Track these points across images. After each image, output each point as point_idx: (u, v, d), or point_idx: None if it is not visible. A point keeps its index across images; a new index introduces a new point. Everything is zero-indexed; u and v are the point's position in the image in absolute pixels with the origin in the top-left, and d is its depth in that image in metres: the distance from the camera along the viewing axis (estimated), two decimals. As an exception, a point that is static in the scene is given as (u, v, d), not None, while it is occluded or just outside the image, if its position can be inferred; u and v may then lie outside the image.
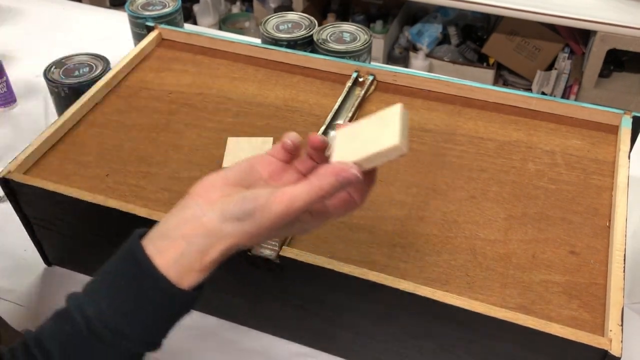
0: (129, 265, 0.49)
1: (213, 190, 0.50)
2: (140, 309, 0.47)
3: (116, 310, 0.47)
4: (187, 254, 0.47)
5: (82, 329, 0.46)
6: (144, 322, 0.47)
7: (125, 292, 0.47)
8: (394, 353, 0.68)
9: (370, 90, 0.88)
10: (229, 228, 0.47)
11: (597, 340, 0.55)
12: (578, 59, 2.18)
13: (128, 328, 0.47)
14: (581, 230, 0.68)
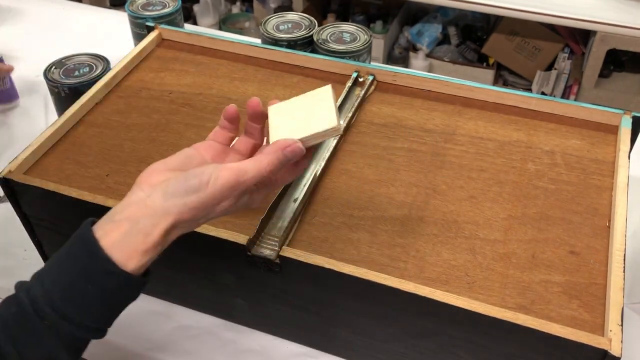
0: (75, 247, 0.49)
1: (155, 175, 0.51)
2: (85, 291, 0.47)
3: (62, 291, 0.47)
4: (131, 234, 0.48)
5: (28, 309, 0.46)
6: (88, 305, 0.47)
7: (70, 273, 0.47)
8: (394, 353, 0.68)
9: (370, 91, 0.88)
10: (171, 205, 0.48)
11: (597, 340, 0.55)
12: (578, 59, 2.18)
13: (71, 309, 0.46)
14: (581, 230, 0.68)
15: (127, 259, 0.47)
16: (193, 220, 0.50)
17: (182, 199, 0.48)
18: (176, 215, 0.48)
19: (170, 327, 0.77)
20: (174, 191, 0.48)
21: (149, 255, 0.48)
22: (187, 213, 0.49)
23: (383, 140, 0.80)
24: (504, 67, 2.32)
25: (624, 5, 1.89)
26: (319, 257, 0.62)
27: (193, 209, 0.48)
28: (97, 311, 0.48)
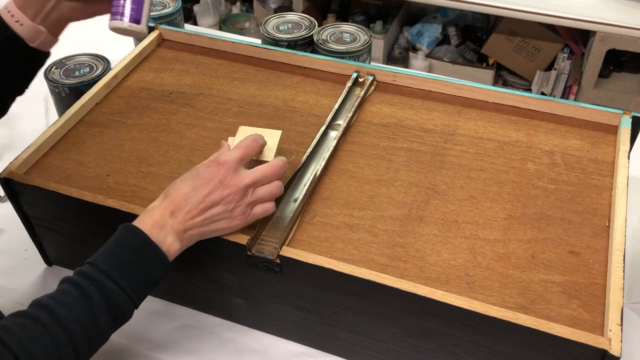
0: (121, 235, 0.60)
1: None
2: (118, 251, 0.58)
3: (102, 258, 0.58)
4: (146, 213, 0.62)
5: (72, 278, 0.56)
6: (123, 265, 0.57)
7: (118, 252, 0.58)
8: (394, 353, 0.68)
9: (370, 91, 0.88)
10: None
11: (597, 340, 0.55)
12: (577, 59, 2.18)
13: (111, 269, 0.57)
14: (580, 230, 0.68)
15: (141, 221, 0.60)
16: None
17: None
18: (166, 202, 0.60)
19: (171, 327, 0.77)
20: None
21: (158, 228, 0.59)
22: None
23: (383, 140, 0.80)
24: (504, 67, 2.32)
25: (623, 6, 1.89)
26: (319, 257, 0.62)
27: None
28: (129, 272, 0.58)
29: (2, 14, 0.64)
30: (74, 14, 0.67)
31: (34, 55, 0.67)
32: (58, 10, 0.65)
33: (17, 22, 0.64)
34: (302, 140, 0.79)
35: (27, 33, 0.64)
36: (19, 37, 0.64)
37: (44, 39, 0.66)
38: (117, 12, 0.67)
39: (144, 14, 0.68)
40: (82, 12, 0.68)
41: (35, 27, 0.64)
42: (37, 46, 0.66)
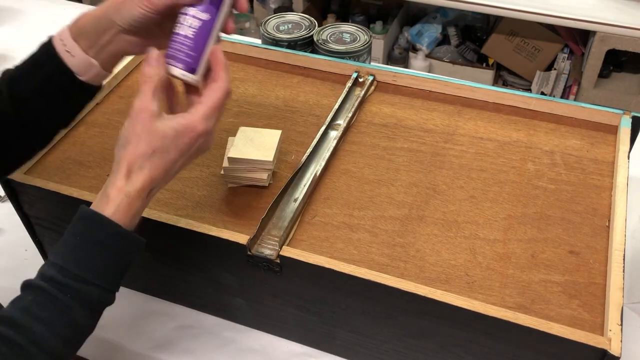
0: (73, 222, 0.54)
1: None
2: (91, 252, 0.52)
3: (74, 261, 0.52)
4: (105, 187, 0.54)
5: (48, 289, 0.51)
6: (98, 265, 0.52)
7: (75, 243, 0.52)
8: (394, 353, 0.68)
9: (370, 91, 0.88)
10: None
11: (597, 339, 0.55)
12: (577, 59, 2.18)
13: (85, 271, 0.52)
14: (580, 230, 0.68)
15: (103, 209, 0.53)
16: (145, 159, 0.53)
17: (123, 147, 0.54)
18: (125, 158, 0.53)
19: (170, 327, 0.77)
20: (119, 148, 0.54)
21: (118, 200, 0.53)
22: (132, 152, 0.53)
23: (383, 140, 0.80)
24: (504, 68, 2.31)
25: (623, 6, 1.89)
26: (319, 257, 0.62)
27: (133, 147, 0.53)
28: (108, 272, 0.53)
29: (55, 42, 0.59)
30: (131, 49, 0.60)
31: (83, 88, 0.61)
32: (114, 44, 0.59)
33: (69, 52, 0.58)
34: (302, 140, 0.79)
35: (77, 65, 0.59)
36: (68, 69, 0.59)
37: (95, 73, 0.60)
38: (173, 56, 0.57)
39: (202, 61, 0.58)
40: (141, 47, 0.60)
41: (87, 60, 0.59)
42: (87, 80, 0.60)
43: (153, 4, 0.56)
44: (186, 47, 0.56)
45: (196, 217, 0.69)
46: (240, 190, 0.73)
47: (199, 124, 0.54)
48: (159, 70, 0.55)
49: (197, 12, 0.56)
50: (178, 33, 0.57)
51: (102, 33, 0.58)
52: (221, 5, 0.57)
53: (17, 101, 0.59)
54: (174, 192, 0.73)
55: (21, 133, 0.61)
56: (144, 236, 0.54)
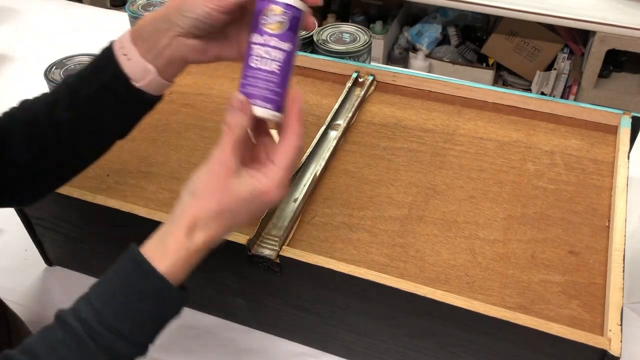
0: (122, 264, 0.50)
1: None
2: (135, 306, 0.48)
3: (113, 310, 0.47)
4: (161, 239, 0.49)
5: (79, 332, 0.46)
6: (139, 321, 0.48)
7: (120, 291, 0.48)
8: (394, 353, 0.68)
9: (370, 91, 0.88)
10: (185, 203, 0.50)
11: (597, 340, 0.55)
12: (577, 59, 2.18)
13: (124, 326, 0.47)
14: (580, 230, 0.68)
15: (158, 262, 0.48)
16: (212, 218, 0.49)
17: (192, 197, 0.49)
18: (192, 212, 0.49)
19: (171, 327, 0.77)
20: (187, 195, 0.50)
21: (176, 256, 0.48)
22: (201, 208, 0.49)
23: (383, 140, 0.80)
24: (504, 68, 2.32)
25: (623, 6, 1.89)
26: (319, 257, 0.62)
27: (204, 202, 0.49)
28: (146, 327, 0.49)
29: (114, 45, 0.55)
30: (192, 55, 0.54)
31: (139, 97, 0.55)
32: (173, 48, 0.53)
33: (126, 56, 0.54)
34: (302, 140, 0.79)
35: (133, 70, 0.54)
36: (124, 74, 0.54)
37: (151, 80, 0.54)
38: (259, 95, 0.50)
39: (286, 96, 0.52)
40: (203, 53, 0.54)
41: (143, 65, 0.54)
42: (143, 87, 0.55)
43: (222, 2, 0.50)
44: (273, 85, 0.50)
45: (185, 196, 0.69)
46: (240, 190, 0.73)
47: (274, 192, 0.50)
48: (243, 121, 0.50)
49: (279, 41, 0.49)
50: (260, 68, 0.50)
51: (160, 35, 0.53)
52: (298, 29, 0.51)
53: (75, 108, 0.56)
54: (173, 192, 0.73)
55: (77, 140, 0.57)
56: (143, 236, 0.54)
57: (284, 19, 0.49)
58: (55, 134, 0.56)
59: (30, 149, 0.57)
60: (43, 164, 0.58)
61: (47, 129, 0.56)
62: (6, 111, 0.60)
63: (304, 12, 0.50)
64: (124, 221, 0.69)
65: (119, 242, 0.74)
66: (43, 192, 0.62)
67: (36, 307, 0.79)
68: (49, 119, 0.56)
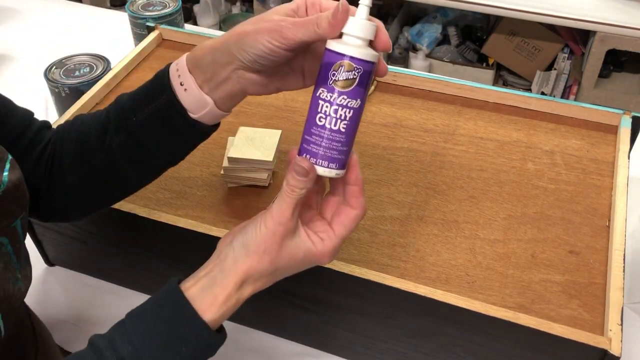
0: (165, 306, 0.48)
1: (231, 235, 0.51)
2: (176, 351, 0.47)
3: (153, 351, 0.47)
4: (209, 287, 0.48)
5: None
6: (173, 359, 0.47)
7: (161, 333, 0.47)
8: (394, 353, 0.68)
9: (370, 90, 0.88)
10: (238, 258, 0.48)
11: (597, 339, 0.55)
12: (577, 59, 2.18)
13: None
14: (580, 230, 0.68)
15: (204, 310, 0.47)
16: (264, 275, 0.49)
17: (246, 251, 0.48)
18: (245, 268, 0.48)
19: (171, 327, 0.77)
20: (240, 246, 0.48)
21: (224, 308, 0.48)
22: (255, 265, 0.48)
23: (383, 140, 0.80)
24: (504, 67, 2.32)
25: (623, 6, 1.89)
26: (319, 257, 0.62)
27: (258, 260, 0.48)
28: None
29: (171, 72, 0.52)
30: (252, 88, 0.50)
31: (195, 127, 0.52)
32: (233, 82, 0.49)
33: (182, 85, 0.51)
34: (302, 140, 0.79)
35: (189, 101, 0.51)
36: (180, 104, 0.51)
37: (208, 112, 0.51)
38: (322, 155, 0.47)
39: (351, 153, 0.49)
40: (264, 87, 0.51)
41: (201, 97, 0.50)
42: (199, 118, 0.52)
43: (287, 40, 0.46)
44: (340, 144, 0.47)
45: (196, 217, 0.69)
46: (240, 190, 0.73)
47: (327, 257, 0.49)
48: (307, 185, 0.47)
49: (348, 99, 0.46)
50: (326, 127, 0.46)
51: (219, 68, 0.49)
52: (370, 82, 0.47)
53: (126, 133, 0.54)
54: (174, 192, 0.73)
55: (126, 167, 0.56)
56: (142, 236, 0.54)
57: (355, 75, 0.45)
58: (105, 157, 0.55)
59: (79, 170, 0.57)
60: (90, 185, 0.57)
61: (98, 152, 0.55)
62: (60, 125, 0.59)
63: (376, 63, 0.46)
64: (124, 221, 0.69)
65: (119, 242, 0.74)
66: (88, 211, 0.62)
67: (36, 307, 0.79)
68: (100, 142, 0.55)
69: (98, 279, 0.82)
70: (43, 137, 0.58)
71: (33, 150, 0.57)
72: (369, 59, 0.45)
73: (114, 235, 0.74)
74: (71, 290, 0.81)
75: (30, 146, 0.57)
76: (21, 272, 0.53)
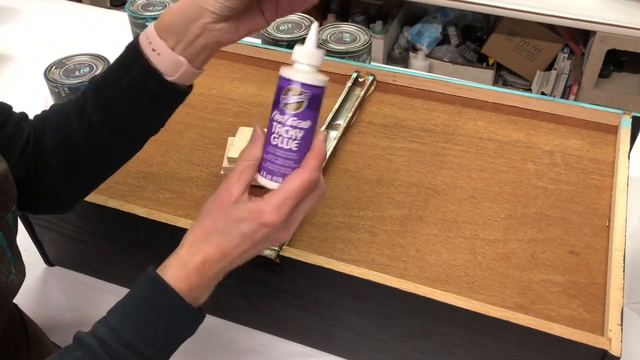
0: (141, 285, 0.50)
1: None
2: (151, 322, 0.49)
3: (130, 326, 0.48)
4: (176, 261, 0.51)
5: (96, 349, 0.47)
6: (155, 336, 0.49)
7: (137, 308, 0.49)
8: (394, 353, 0.68)
9: (370, 91, 0.88)
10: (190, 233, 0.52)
11: (597, 340, 0.55)
12: (577, 59, 2.18)
13: (140, 342, 0.48)
14: (580, 230, 0.68)
15: (174, 282, 0.49)
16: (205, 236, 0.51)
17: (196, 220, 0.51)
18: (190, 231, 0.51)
19: (171, 327, 0.77)
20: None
21: (185, 270, 0.50)
22: (198, 226, 0.51)
23: (383, 140, 0.80)
24: (504, 67, 2.31)
25: (623, 6, 1.89)
26: (319, 257, 0.62)
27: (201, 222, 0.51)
28: (161, 342, 0.49)
29: (142, 41, 0.53)
30: (225, 37, 0.53)
31: (172, 90, 0.55)
32: (206, 36, 0.52)
33: (155, 51, 0.52)
34: (302, 140, 0.79)
35: (164, 65, 0.53)
36: (155, 70, 0.53)
37: (184, 72, 0.53)
38: (271, 170, 0.51)
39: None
40: (235, 33, 0.53)
41: (175, 58, 0.52)
42: (176, 80, 0.54)
43: None
44: (291, 162, 0.50)
45: (196, 217, 0.69)
46: (240, 190, 0.73)
47: (266, 214, 0.49)
48: (257, 153, 0.50)
49: (298, 120, 0.49)
50: (278, 146, 0.50)
51: (191, 26, 0.51)
52: (320, 104, 0.50)
53: (105, 109, 0.55)
54: (174, 192, 0.73)
55: (110, 142, 0.57)
56: (142, 236, 0.54)
57: (302, 99, 0.49)
58: (86, 136, 0.56)
59: (63, 152, 0.57)
60: (76, 166, 0.58)
61: (79, 132, 0.56)
62: (38, 115, 0.60)
63: (325, 88, 0.50)
64: (124, 221, 0.69)
65: (119, 242, 0.74)
66: (80, 194, 0.63)
67: (36, 307, 0.79)
68: (80, 122, 0.56)
69: (98, 279, 0.82)
70: (24, 128, 0.59)
71: (16, 142, 0.58)
72: (316, 83, 0.48)
73: (114, 235, 0.74)
74: (71, 291, 0.81)
75: (14, 138, 0.57)
76: (15, 267, 0.54)
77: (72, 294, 0.81)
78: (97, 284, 0.82)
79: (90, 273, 0.83)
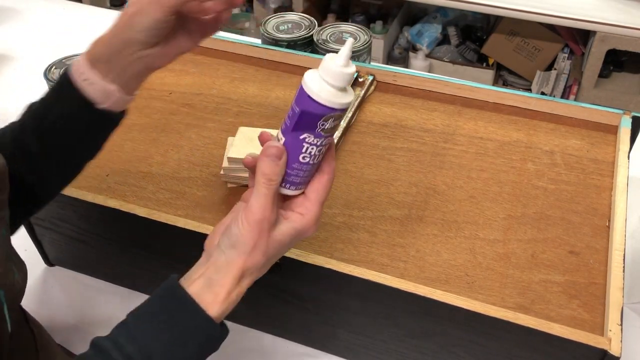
0: (168, 302, 0.50)
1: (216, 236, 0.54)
2: (184, 346, 0.48)
3: (162, 348, 0.48)
4: (207, 288, 0.50)
5: None
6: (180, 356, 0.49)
7: (168, 329, 0.48)
8: (394, 353, 0.68)
9: (370, 90, 0.88)
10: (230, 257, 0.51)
11: (597, 340, 0.55)
12: (577, 59, 2.18)
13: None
14: (580, 230, 0.68)
15: (207, 306, 0.50)
16: (258, 267, 0.51)
17: (237, 252, 0.50)
18: (239, 265, 0.50)
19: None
20: (229, 248, 0.50)
21: (226, 304, 0.51)
22: (249, 261, 0.50)
23: (383, 140, 0.80)
24: (504, 67, 2.31)
25: (623, 6, 1.89)
26: (319, 257, 0.62)
27: (251, 257, 0.50)
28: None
29: (74, 71, 0.54)
30: (156, 62, 0.54)
31: (105, 117, 0.55)
32: (137, 64, 0.53)
33: (86, 81, 0.53)
34: (302, 140, 0.79)
35: (96, 94, 0.53)
36: (86, 99, 0.53)
37: (116, 100, 0.54)
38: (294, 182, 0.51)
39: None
40: (165, 57, 0.54)
41: (106, 87, 0.53)
42: (108, 107, 0.54)
43: (168, 3, 0.50)
44: (314, 171, 0.52)
45: (196, 217, 0.69)
46: (240, 190, 0.73)
47: (312, 228, 0.52)
48: (280, 170, 0.50)
49: (330, 139, 0.51)
50: (309, 163, 0.51)
51: (119, 56, 0.52)
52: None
53: (41, 136, 0.55)
54: (174, 192, 0.73)
55: (48, 168, 0.57)
56: (142, 236, 0.54)
57: (339, 120, 0.51)
58: (24, 163, 0.56)
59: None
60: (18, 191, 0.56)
61: (15, 158, 0.55)
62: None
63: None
64: (124, 221, 0.69)
65: (119, 242, 0.74)
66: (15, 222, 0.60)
67: (36, 308, 0.79)
68: (17, 149, 0.55)
69: (98, 279, 0.82)
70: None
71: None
72: (350, 100, 0.50)
73: (114, 235, 0.74)
74: (71, 291, 0.81)
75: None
76: (16, 266, 0.54)
77: (72, 294, 0.81)
78: (97, 284, 0.82)
79: (90, 273, 0.83)
